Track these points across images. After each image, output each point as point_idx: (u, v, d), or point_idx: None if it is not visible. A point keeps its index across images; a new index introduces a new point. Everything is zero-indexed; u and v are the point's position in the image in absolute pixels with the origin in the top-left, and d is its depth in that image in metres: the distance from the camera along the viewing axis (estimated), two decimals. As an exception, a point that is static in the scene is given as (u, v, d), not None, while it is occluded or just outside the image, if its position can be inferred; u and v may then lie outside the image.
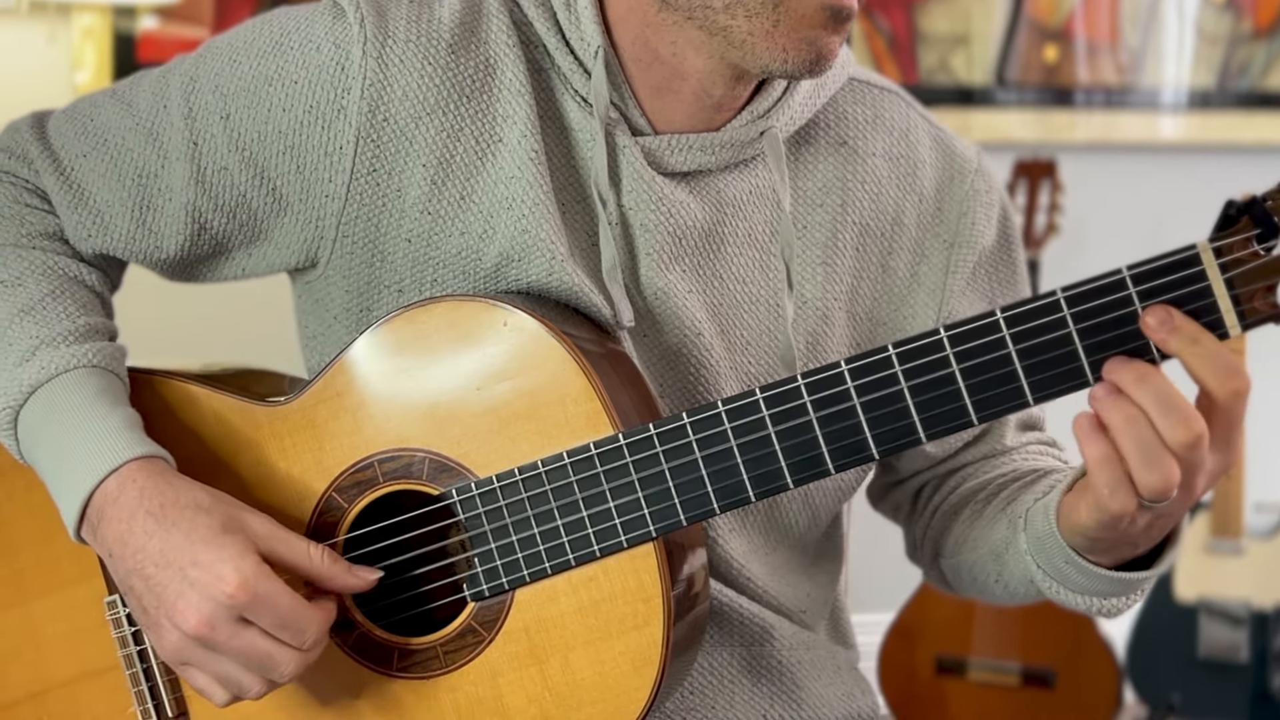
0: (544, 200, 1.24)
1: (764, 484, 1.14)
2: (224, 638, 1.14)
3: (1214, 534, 3.19)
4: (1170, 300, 1.07)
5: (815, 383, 1.13)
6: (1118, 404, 1.07)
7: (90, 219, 1.30)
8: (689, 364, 1.28)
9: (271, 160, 1.26)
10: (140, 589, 1.16)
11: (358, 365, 1.22)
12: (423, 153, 1.25)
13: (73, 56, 3.07)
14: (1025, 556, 1.23)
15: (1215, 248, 1.07)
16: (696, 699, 1.30)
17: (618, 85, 1.26)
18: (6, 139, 1.34)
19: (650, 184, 1.26)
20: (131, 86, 1.32)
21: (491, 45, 1.26)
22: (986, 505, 1.35)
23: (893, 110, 1.37)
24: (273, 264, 1.33)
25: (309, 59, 1.25)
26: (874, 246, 1.35)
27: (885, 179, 1.35)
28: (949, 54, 3.45)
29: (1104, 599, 1.22)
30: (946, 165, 1.37)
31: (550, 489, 1.17)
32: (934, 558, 1.41)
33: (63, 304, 1.26)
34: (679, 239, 1.28)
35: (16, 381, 1.22)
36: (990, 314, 1.10)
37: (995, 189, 1.39)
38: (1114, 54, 3.51)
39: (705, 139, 1.28)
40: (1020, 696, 3.11)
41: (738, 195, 1.30)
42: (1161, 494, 1.07)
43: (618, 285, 1.25)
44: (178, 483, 1.18)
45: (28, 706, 1.30)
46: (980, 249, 1.37)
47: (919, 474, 1.42)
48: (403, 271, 1.27)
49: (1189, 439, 1.06)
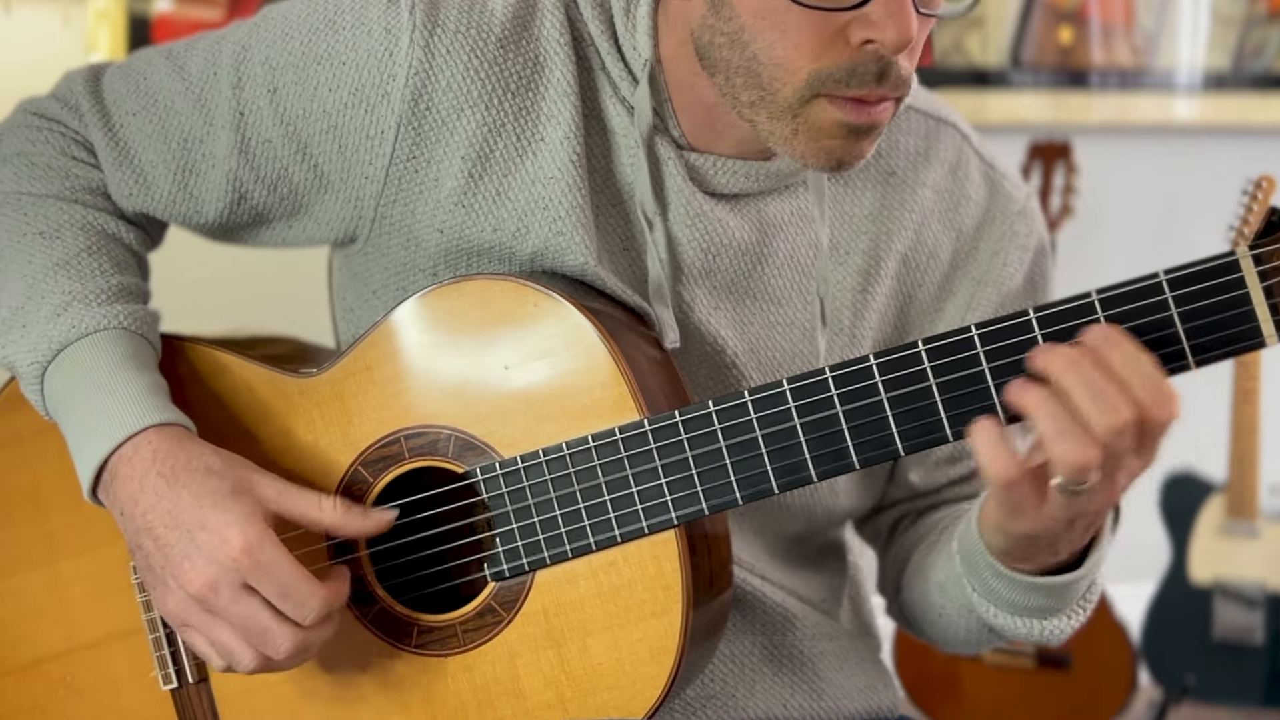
0: (581, 204, 1.23)
1: (788, 475, 1.14)
2: (225, 602, 1.14)
3: (1229, 516, 3.18)
4: (1205, 306, 1.06)
5: (843, 376, 1.12)
6: (1033, 386, 1.05)
7: (133, 178, 1.31)
8: (718, 382, 1.27)
9: (314, 138, 1.26)
10: (149, 548, 1.17)
11: (388, 340, 1.22)
12: (462, 144, 1.24)
13: (87, 39, 3.08)
14: (961, 580, 1.22)
15: (1255, 255, 1.05)
16: (717, 686, 1.30)
17: (662, 104, 1.25)
18: (62, 88, 1.35)
19: (690, 199, 1.25)
20: (187, 49, 1.32)
21: (542, 42, 1.25)
22: (940, 536, 1.33)
23: (946, 144, 1.34)
24: (313, 237, 1.33)
25: (359, 41, 1.24)
26: (908, 278, 1.33)
27: (930, 211, 1.33)
28: (963, 36, 3.42)
29: (1040, 619, 1.20)
30: (991, 204, 1.35)
31: (574, 472, 1.17)
32: (895, 591, 1.40)
33: (99, 260, 1.26)
34: (713, 255, 1.26)
35: (47, 337, 1.22)
36: (1023, 313, 1.08)
37: (1035, 232, 1.36)
38: (1129, 36, 3.48)
39: (751, 166, 1.26)
40: (1035, 679, 3.10)
41: (781, 217, 1.29)
42: (1080, 470, 1.04)
43: (664, 306, 1.24)
44: (191, 446, 1.18)
45: (52, 665, 1.31)
46: (1005, 290, 1.34)
47: (900, 503, 1.40)
48: (436, 258, 1.27)
49: (1115, 423, 1.03)
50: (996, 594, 1.19)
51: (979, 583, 1.20)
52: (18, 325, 1.23)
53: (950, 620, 1.29)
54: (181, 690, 1.28)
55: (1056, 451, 1.04)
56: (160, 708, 1.28)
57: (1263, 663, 3.17)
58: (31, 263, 1.25)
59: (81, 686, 1.30)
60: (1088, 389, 1.04)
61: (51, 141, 1.32)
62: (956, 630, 1.30)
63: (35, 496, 1.31)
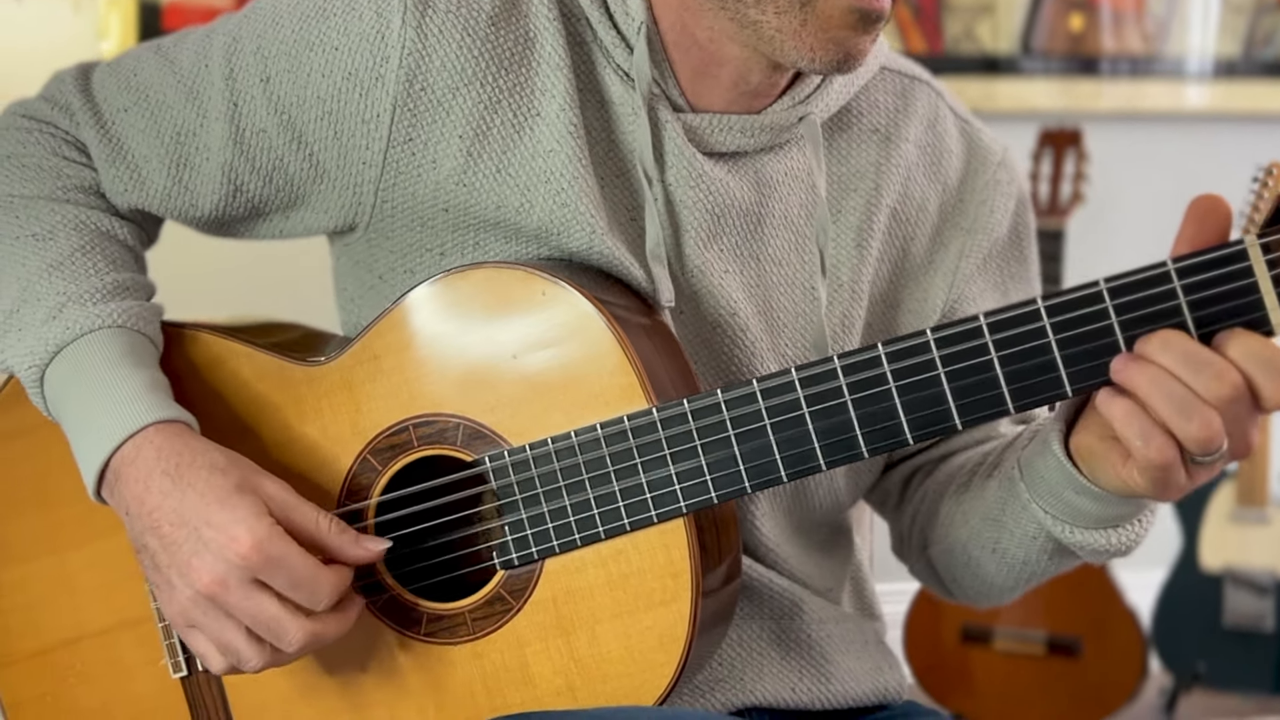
0: (583, 174, 1.23)
1: (796, 465, 1.14)
2: (235, 598, 1.14)
3: (1239, 503, 3.18)
4: (1214, 295, 1.05)
5: (851, 365, 1.12)
6: (1140, 367, 1.05)
7: (127, 174, 1.31)
8: (725, 344, 1.28)
9: (309, 125, 1.26)
10: (154, 547, 1.17)
11: (397, 328, 1.22)
12: (459, 124, 1.24)
13: (98, 25, 3.08)
14: (1030, 506, 1.22)
15: (1264, 243, 1.05)
16: (725, 671, 1.30)
17: (659, 63, 1.26)
18: (51, 88, 1.35)
19: (691, 161, 1.26)
20: (176, 43, 1.32)
21: (532, 18, 1.25)
22: (973, 476, 1.33)
23: (923, 100, 1.38)
24: (310, 228, 1.33)
25: (350, 26, 1.24)
26: (899, 231, 1.35)
27: (915, 166, 1.35)
28: (974, 22, 3.42)
29: (1118, 529, 1.20)
30: (971, 156, 1.38)
31: (582, 460, 1.17)
32: (922, 547, 1.40)
33: (93, 259, 1.26)
34: (719, 217, 1.27)
35: (43, 340, 1.22)
36: (1031, 302, 1.08)
37: (1016, 182, 1.40)
38: (1139, 23, 3.48)
39: (745, 120, 1.27)
40: (1046, 666, 3.11)
41: (775, 176, 1.30)
42: (1206, 444, 1.04)
43: (661, 265, 1.24)
44: (195, 443, 1.18)
45: (62, 653, 1.31)
46: (995, 237, 1.37)
47: (910, 459, 1.41)
48: (444, 236, 1.27)
49: (1224, 392, 1.03)
50: (1081, 512, 1.19)
51: (1059, 507, 1.20)
52: (14, 329, 1.23)
53: (1005, 553, 1.29)
54: (191, 678, 1.28)
55: (1184, 432, 1.05)
56: (170, 695, 1.28)
57: (1273, 650, 3.18)
58: (25, 265, 1.25)
59: (91, 674, 1.31)
60: (1188, 362, 1.04)
61: (42, 143, 1.32)
62: (1012, 563, 1.29)
63: (43, 487, 1.31)
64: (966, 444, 1.40)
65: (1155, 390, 1.05)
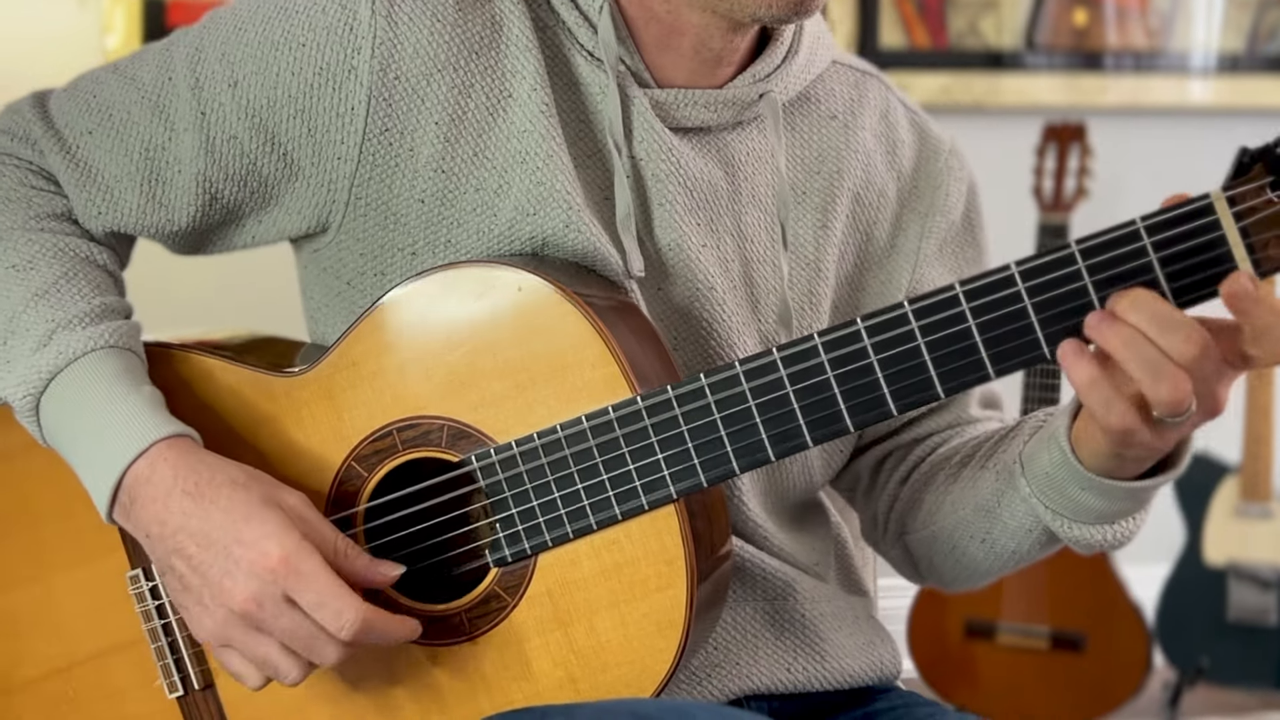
0: (557, 152, 1.24)
1: (783, 443, 1.15)
2: (270, 616, 1.14)
3: (1243, 497, 3.20)
4: (1184, 250, 1.07)
5: (832, 341, 1.13)
6: (1113, 327, 1.07)
7: (99, 196, 1.30)
8: (701, 318, 1.29)
9: (282, 125, 1.26)
10: (182, 569, 1.17)
11: (374, 333, 1.22)
12: (435, 110, 1.24)
13: (103, 20, 3.06)
14: (1030, 500, 1.24)
15: (1229, 196, 1.07)
16: (721, 654, 1.31)
17: (623, 39, 1.27)
18: (7, 120, 1.33)
19: (660, 135, 1.28)
20: (134, 62, 1.32)
21: (497, 2, 1.26)
22: (963, 467, 1.35)
23: (874, 92, 1.42)
24: (283, 230, 1.32)
25: (315, 21, 1.24)
26: (863, 215, 1.38)
27: (874, 153, 1.39)
28: (978, 17, 3.44)
29: (1114, 525, 1.22)
30: (923, 145, 1.42)
31: (570, 453, 1.18)
32: (899, 534, 1.42)
33: (76, 285, 1.25)
34: (690, 192, 1.28)
35: (35, 368, 1.22)
36: (1005, 268, 1.10)
37: (966, 169, 1.44)
38: (1143, 17, 3.50)
39: (709, 95, 1.29)
40: (1049, 660, 3.12)
41: (740, 155, 1.32)
42: (1176, 406, 1.06)
43: (630, 235, 1.26)
44: (210, 460, 1.18)
45: (55, 681, 1.31)
46: (950, 220, 1.41)
47: (880, 442, 1.43)
48: (416, 233, 1.27)
49: (1194, 352, 1.05)
50: (1084, 508, 1.20)
51: (1060, 500, 1.21)
52: (3, 362, 1.23)
53: (995, 543, 1.31)
54: (188, 697, 1.27)
55: (1154, 394, 1.06)
56: (167, 715, 1.28)
57: (1277, 644, 3.20)
58: (8, 298, 1.24)
59: (84, 700, 1.30)
60: (1158, 323, 1.06)
61: (7, 174, 1.31)
62: (1001, 552, 1.32)
63: (26, 513, 1.30)
64: (939, 427, 1.41)
65: (1128, 352, 1.06)
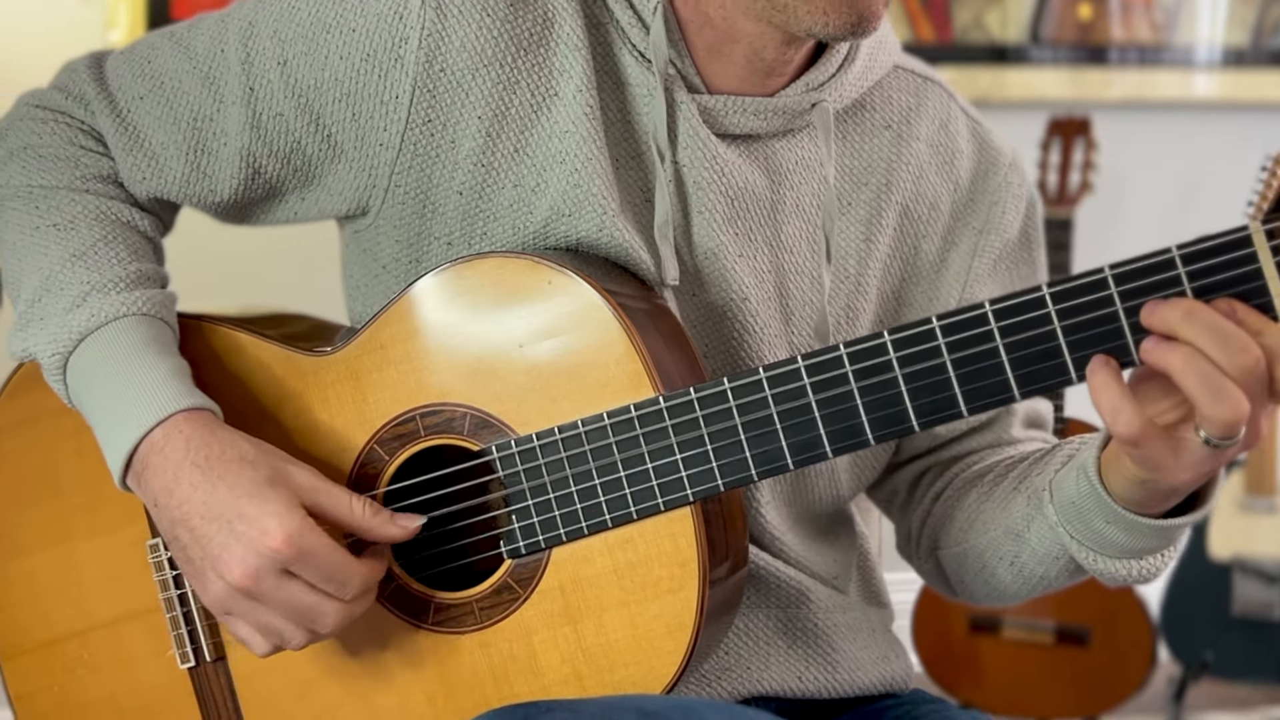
0: (597, 155, 1.24)
1: (803, 452, 1.14)
2: (268, 589, 1.15)
3: (1248, 492, 3.18)
4: (1219, 282, 1.06)
5: (857, 352, 1.12)
6: (1174, 347, 1.04)
7: (145, 161, 1.31)
8: (734, 327, 1.28)
9: (327, 107, 1.26)
10: (186, 539, 1.17)
11: (403, 318, 1.22)
12: (478, 105, 1.24)
13: (106, 14, 3.08)
14: (1056, 529, 1.22)
15: (1268, 230, 1.05)
16: (732, 660, 1.31)
17: (675, 43, 1.27)
18: (64, 78, 1.35)
19: (706, 143, 1.26)
20: (190, 30, 1.32)
21: None
22: (996, 486, 1.34)
23: (935, 100, 1.39)
24: (324, 209, 1.33)
25: (368, 7, 1.24)
26: (911, 229, 1.36)
27: (927, 164, 1.36)
28: (983, 11, 3.43)
29: (1141, 560, 1.21)
30: (982, 157, 1.39)
31: (589, 449, 1.17)
32: (931, 549, 1.41)
33: (115, 249, 1.26)
34: (732, 200, 1.27)
35: (66, 328, 1.23)
36: (1036, 289, 1.09)
37: (1026, 184, 1.41)
38: (1148, 11, 3.48)
39: (759, 103, 1.28)
40: (1054, 655, 3.11)
41: (787, 164, 1.30)
42: (1232, 427, 1.04)
43: (667, 242, 1.25)
44: (223, 434, 1.18)
45: (72, 644, 1.32)
46: (1006, 238, 1.38)
47: (920, 458, 1.42)
48: (452, 224, 1.27)
49: (1248, 363, 1.03)
50: (1109, 541, 1.19)
51: (1086, 534, 1.20)
52: (36, 318, 1.24)
53: (1023, 567, 1.29)
54: (199, 668, 1.28)
55: (1212, 413, 1.04)
56: (178, 686, 1.29)
57: None
58: (47, 255, 1.26)
59: (99, 664, 1.31)
60: (1212, 334, 1.03)
61: (58, 132, 1.32)
62: (1029, 576, 1.30)
63: (51, 477, 1.31)
64: (978, 446, 1.40)
65: (1190, 370, 1.04)
